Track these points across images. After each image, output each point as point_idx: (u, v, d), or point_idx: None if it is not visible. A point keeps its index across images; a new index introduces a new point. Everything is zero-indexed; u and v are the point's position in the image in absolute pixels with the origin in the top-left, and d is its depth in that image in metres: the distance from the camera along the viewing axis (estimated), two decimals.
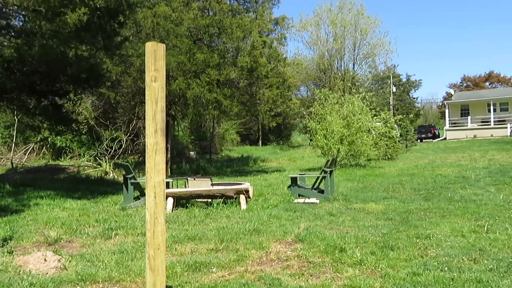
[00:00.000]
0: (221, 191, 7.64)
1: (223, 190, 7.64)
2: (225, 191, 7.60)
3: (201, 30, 14.97)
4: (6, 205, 7.77)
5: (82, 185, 11.30)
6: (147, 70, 2.31)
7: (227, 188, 7.72)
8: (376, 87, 44.49)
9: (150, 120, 2.30)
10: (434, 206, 7.15)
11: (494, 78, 64.10)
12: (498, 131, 33.25)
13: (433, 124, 44.04)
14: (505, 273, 3.70)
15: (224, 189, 7.66)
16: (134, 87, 15.09)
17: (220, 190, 7.66)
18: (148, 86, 2.31)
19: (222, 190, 7.65)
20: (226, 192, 7.59)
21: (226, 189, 7.64)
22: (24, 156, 18.08)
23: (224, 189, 7.66)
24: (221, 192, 7.62)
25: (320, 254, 4.43)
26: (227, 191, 7.59)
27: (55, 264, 4.16)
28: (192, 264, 4.15)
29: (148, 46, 2.33)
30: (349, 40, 35.55)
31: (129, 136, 18.07)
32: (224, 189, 7.69)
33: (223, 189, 7.67)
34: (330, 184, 8.70)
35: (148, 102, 2.30)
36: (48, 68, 9.78)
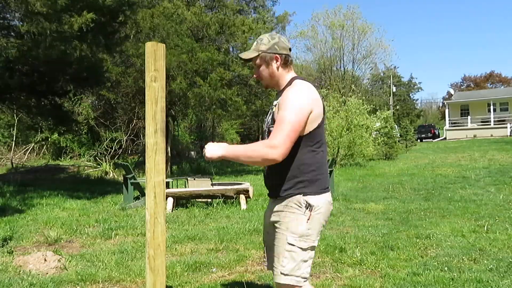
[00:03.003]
0: (221, 191, 7.64)
1: (223, 190, 7.64)
2: (225, 191, 7.60)
3: (203, 29, 14.96)
4: (6, 205, 7.77)
5: (82, 185, 11.30)
6: (147, 70, 2.30)
7: (227, 188, 7.72)
8: (376, 87, 44.47)
9: (150, 120, 2.29)
10: (434, 206, 7.15)
11: (495, 78, 64.12)
12: (498, 131, 33.25)
13: (433, 124, 44.06)
14: (505, 273, 3.70)
15: (224, 189, 7.66)
16: (134, 87, 15.10)
17: (220, 190, 7.66)
18: (148, 86, 2.30)
19: (222, 190, 7.65)
20: (226, 192, 7.59)
21: (226, 189, 7.64)
22: (24, 156, 18.09)
23: (224, 189, 7.66)
24: (221, 192, 7.62)
25: (320, 254, 4.43)
26: (227, 191, 7.59)
27: (55, 264, 4.16)
28: (192, 264, 4.15)
29: (148, 46, 2.32)
30: (348, 41, 35.55)
31: (129, 136, 18.08)
32: (224, 189, 7.69)
33: (223, 189, 7.67)
34: (330, 184, 8.70)
35: (148, 102, 2.30)
36: (49, 67, 9.79)
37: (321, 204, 2.03)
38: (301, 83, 2.06)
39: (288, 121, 1.90)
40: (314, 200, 2.02)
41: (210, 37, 15.13)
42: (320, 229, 2.07)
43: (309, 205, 2.00)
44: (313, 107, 1.99)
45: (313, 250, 2.04)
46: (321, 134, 2.06)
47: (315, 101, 2.01)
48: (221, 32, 14.72)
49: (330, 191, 2.14)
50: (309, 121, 1.98)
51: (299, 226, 1.99)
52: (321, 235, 2.08)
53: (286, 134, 1.89)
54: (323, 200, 2.05)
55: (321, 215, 2.04)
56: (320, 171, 2.06)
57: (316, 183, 2.04)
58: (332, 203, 2.15)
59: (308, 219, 1.99)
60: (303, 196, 2.01)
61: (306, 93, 2.00)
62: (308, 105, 1.96)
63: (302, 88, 2.01)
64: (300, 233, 1.99)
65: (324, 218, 2.07)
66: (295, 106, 1.93)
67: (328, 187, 2.12)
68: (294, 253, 1.98)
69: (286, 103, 1.95)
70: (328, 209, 2.09)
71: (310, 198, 2.01)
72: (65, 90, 11.88)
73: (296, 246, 1.98)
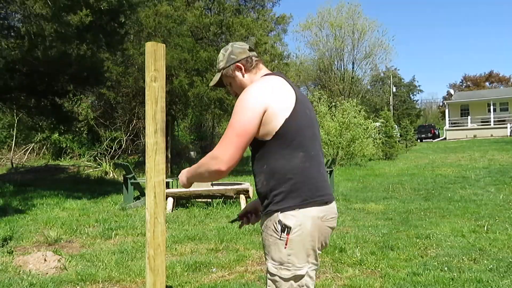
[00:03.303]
0: (221, 191, 7.64)
1: (223, 190, 7.64)
2: (225, 191, 7.60)
3: (204, 29, 14.98)
4: (6, 205, 7.77)
5: (82, 185, 11.30)
6: (147, 70, 2.30)
7: (227, 188, 7.72)
8: (376, 87, 44.49)
9: (150, 120, 2.30)
10: (434, 206, 7.16)
11: (494, 77, 64.11)
12: (498, 131, 33.24)
13: (433, 124, 44.02)
14: (505, 273, 3.70)
15: (224, 189, 7.67)
16: (135, 87, 15.10)
17: (220, 190, 7.66)
18: (148, 86, 2.30)
19: (222, 190, 7.65)
20: (226, 192, 7.59)
21: (226, 189, 7.65)
22: (24, 156, 18.09)
23: (224, 189, 7.67)
24: (221, 192, 7.62)
25: (320, 254, 4.43)
26: (227, 191, 7.59)
27: (55, 264, 4.16)
28: (192, 264, 4.15)
29: (148, 46, 2.32)
30: (348, 41, 35.58)
31: (129, 136, 18.07)
32: (224, 189, 7.69)
33: (223, 189, 7.67)
34: (330, 184, 8.70)
35: (148, 102, 2.30)
36: (49, 67, 9.80)
37: (304, 222, 1.68)
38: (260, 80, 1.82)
39: (230, 126, 1.70)
40: (292, 219, 1.67)
41: (209, 38, 15.15)
42: (310, 253, 1.72)
43: (286, 226, 1.67)
44: (269, 102, 1.69)
45: (300, 279, 1.70)
46: (297, 132, 1.72)
47: (272, 96, 1.71)
48: (220, 32, 14.74)
49: (329, 205, 1.77)
50: (267, 121, 1.69)
51: (278, 252, 1.69)
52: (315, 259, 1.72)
53: (229, 141, 1.67)
54: (309, 216, 1.69)
55: (305, 236, 1.68)
56: (300, 178, 1.70)
57: (296, 194, 1.69)
58: (329, 218, 1.76)
59: (286, 243, 1.68)
60: (280, 213, 1.69)
61: (259, 90, 1.73)
62: (257, 103, 1.68)
63: (255, 86, 1.77)
64: (279, 260, 1.69)
65: (311, 239, 1.70)
66: (240, 108, 1.71)
67: (323, 199, 1.74)
68: (277, 282, 1.71)
69: (235, 107, 1.75)
70: (317, 227, 1.71)
71: (287, 217, 1.68)
72: (65, 90, 11.89)
73: (277, 275, 1.70)
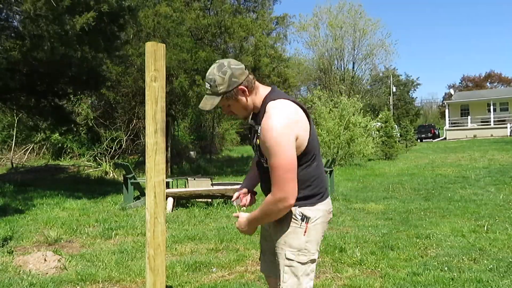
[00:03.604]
0: (221, 191, 7.64)
1: (223, 190, 7.64)
2: (225, 191, 7.60)
3: (202, 30, 14.98)
4: (6, 205, 7.77)
5: (82, 185, 11.30)
6: (147, 70, 2.31)
7: (227, 188, 7.72)
8: (375, 87, 44.50)
9: (150, 120, 2.30)
10: (434, 206, 7.16)
11: (494, 78, 64.11)
12: (498, 131, 33.25)
13: (433, 124, 44.03)
14: (505, 273, 3.70)
15: (224, 189, 7.66)
16: (134, 87, 15.09)
17: (220, 190, 7.66)
18: (148, 86, 2.31)
19: (222, 190, 7.65)
20: (226, 192, 7.59)
21: (226, 189, 7.65)
22: (24, 156, 18.08)
23: (224, 189, 7.66)
24: (221, 192, 7.62)
25: (320, 254, 4.42)
26: (227, 191, 7.59)
27: (55, 264, 4.16)
28: (192, 264, 4.15)
29: (148, 46, 2.33)
30: (349, 41, 35.58)
31: (129, 136, 18.06)
32: (224, 189, 7.69)
33: (223, 189, 7.67)
34: (330, 184, 8.70)
35: (148, 102, 2.30)
36: (49, 69, 9.80)
37: (318, 215, 1.95)
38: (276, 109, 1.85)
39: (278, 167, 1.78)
40: (310, 211, 1.93)
41: (208, 38, 15.16)
42: (320, 240, 2.01)
43: (305, 217, 1.92)
44: (297, 132, 1.83)
45: (313, 263, 1.98)
46: (314, 147, 1.93)
47: (296, 124, 1.84)
48: (220, 33, 14.75)
49: (329, 198, 2.05)
50: (298, 146, 1.84)
51: (296, 240, 1.92)
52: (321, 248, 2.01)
53: (285, 180, 1.78)
54: (321, 210, 1.97)
55: (319, 226, 1.96)
56: (316, 183, 1.96)
57: (312, 196, 1.95)
58: (331, 211, 2.05)
59: (305, 231, 1.92)
60: (298, 208, 1.91)
61: (287, 123, 1.80)
62: (291, 137, 1.80)
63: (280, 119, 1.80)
64: (298, 247, 1.92)
65: (322, 229, 2.00)
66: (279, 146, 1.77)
67: (326, 194, 2.02)
68: (294, 267, 1.92)
69: (271, 147, 1.78)
70: (326, 219, 2.01)
71: (306, 210, 1.93)
72: (65, 91, 11.90)
73: (295, 260, 1.92)
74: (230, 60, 1.94)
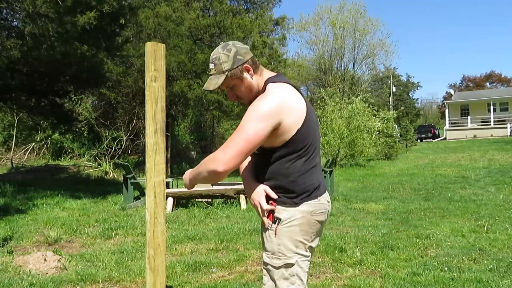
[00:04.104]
0: (221, 191, 7.64)
1: (223, 190, 7.65)
2: (225, 191, 7.60)
3: (202, 30, 14.99)
4: (6, 205, 7.77)
5: (82, 185, 11.30)
6: (147, 70, 2.31)
7: (227, 188, 7.72)
8: (376, 87, 44.50)
9: (150, 120, 2.30)
10: (434, 206, 7.16)
11: (494, 78, 64.11)
12: (498, 131, 33.25)
13: (433, 124, 44.05)
14: (505, 273, 3.70)
15: (224, 189, 7.67)
16: (135, 87, 15.10)
17: (220, 190, 7.66)
18: (148, 86, 2.31)
19: (222, 190, 7.66)
20: (226, 192, 7.59)
21: (226, 189, 7.65)
22: (24, 156, 18.07)
23: (224, 189, 7.67)
24: (221, 192, 7.62)
25: (320, 254, 4.43)
26: (227, 191, 7.59)
27: (55, 264, 4.16)
28: (192, 264, 4.15)
29: (148, 46, 2.33)
30: (349, 41, 35.56)
31: (129, 136, 18.06)
32: (224, 189, 7.69)
33: (223, 189, 7.67)
34: (330, 184, 8.71)
35: (148, 102, 2.30)
36: (49, 68, 9.80)
37: (294, 216, 1.80)
38: (274, 89, 1.79)
39: (241, 130, 1.71)
40: (284, 212, 1.80)
41: (207, 39, 15.17)
42: (300, 244, 1.82)
43: (276, 218, 1.80)
44: (284, 117, 1.73)
45: (290, 267, 1.81)
46: (304, 140, 1.80)
47: (288, 110, 1.75)
48: (219, 34, 14.76)
49: (318, 200, 1.86)
50: (280, 133, 1.75)
51: (269, 242, 1.84)
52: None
53: (234, 144, 1.69)
54: (300, 210, 1.80)
55: (294, 228, 1.79)
56: (302, 180, 1.81)
57: (294, 193, 1.81)
58: (321, 212, 1.86)
59: (275, 234, 1.80)
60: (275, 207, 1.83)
61: (276, 102, 1.74)
62: (274, 116, 1.72)
63: (272, 97, 1.75)
64: (270, 250, 1.83)
65: (302, 231, 1.81)
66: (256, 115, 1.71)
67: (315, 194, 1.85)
68: (270, 271, 1.85)
69: (249, 112, 1.74)
70: (308, 220, 1.82)
71: (280, 211, 1.80)
72: (65, 90, 11.89)
73: (269, 264, 1.84)
74: (234, 41, 1.91)
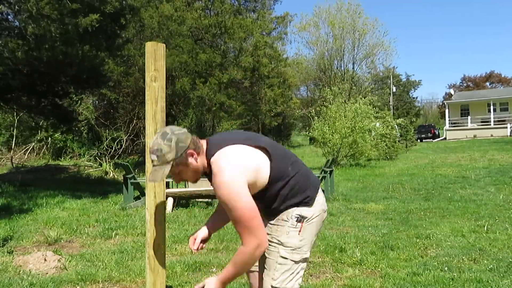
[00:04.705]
0: None
1: None
2: None
3: (203, 30, 15.01)
4: (6, 205, 7.77)
5: (82, 185, 11.29)
6: (147, 70, 2.30)
7: None
8: (376, 87, 44.48)
9: (150, 120, 2.30)
10: (434, 206, 7.15)
11: (495, 78, 64.08)
12: (498, 131, 33.24)
13: (433, 124, 44.01)
14: (505, 273, 3.70)
15: None
16: (135, 87, 15.12)
17: None
18: (148, 86, 2.30)
19: None
20: None
21: None
22: (24, 156, 18.07)
23: None
24: None
25: (320, 254, 4.43)
26: None
27: (55, 264, 4.16)
28: (192, 264, 4.15)
29: (148, 46, 2.32)
30: (348, 40, 35.58)
31: (129, 136, 18.06)
32: None
33: None
34: (330, 184, 8.70)
35: (148, 102, 2.30)
36: (49, 68, 9.81)
37: (314, 214, 1.99)
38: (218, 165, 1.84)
39: (242, 217, 1.79)
40: (305, 211, 1.97)
41: (208, 39, 15.19)
42: (313, 239, 2.03)
43: (301, 217, 1.95)
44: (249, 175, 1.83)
45: (305, 262, 2.01)
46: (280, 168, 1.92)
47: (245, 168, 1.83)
48: (220, 33, 14.77)
49: (323, 197, 2.06)
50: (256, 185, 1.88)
51: (291, 238, 1.95)
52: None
53: (253, 228, 1.79)
54: (316, 209, 2.00)
55: (313, 224, 1.99)
56: (303, 188, 1.97)
57: (304, 199, 1.97)
58: (326, 210, 2.08)
59: (300, 230, 1.95)
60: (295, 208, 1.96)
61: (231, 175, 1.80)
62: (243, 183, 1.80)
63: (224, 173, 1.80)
64: (293, 245, 1.95)
65: (317, 228, 2.02)
66: (234, 196, 1.78)
67: (318, 194, 2.03)
68: (286, 265, 1.95)
69: (227, 202, 1.79)
70: (321, 218, 2.04)
71: (302, 210, 1.96)
72: (66, 91, 11.89)
73: (289, 259, 1.95)
74: (171, 127, 1.92)
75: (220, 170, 1.82)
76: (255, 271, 2.17)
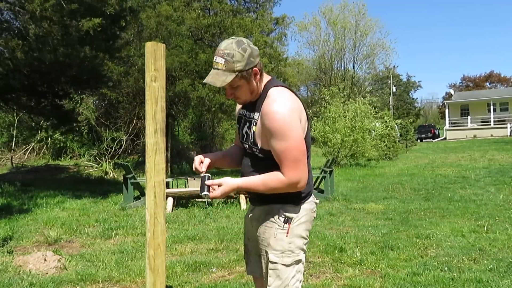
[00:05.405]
0: None
1: None
2: None
3: (202, 30, 15.01)
4: (6, 205, 7.77)
5: (82, 185, 11.30)
6: (147, 70, 2.30)
7: None
8: (376, 87, 44.49)
9: (150, 120, 2.29)
10: (434, 206, 7.15)
11: (494, 78, 64.08)
12: (498, 131, 33.24)
13: (433, 124, 44.05)
14: (505, 273, 3.70)
15: None
16: (135, 87, 15.11)
17: None
18: (148, 86, 2.30)
19: None
20: None
21: None
22: (24, 156, 18.08)
23: None
24: None
25: (320, 254, 4.43)
26: None
27: (55, 264, 4.16)
28: (192, 264, 4.15)
29: (148, 46, 2.32)
30: (349, 41, 35.56)
31: (129, 136, 18.07)
32: None
33: None
34: (330, 184, 8.70)
35: (148, 102, 2.30)
36: (50, 69, 9.81)
37: (301, 214, 1.89)
38: (279, 95, 1.80)
39: (294, 149, 1.73)
40: (293, 212, 1.88)
41: (207, 39, 15.19)
42: (304, 240, 1.92)
43: (288, 218, 1.86)
44: (300, 117, 1.80)
45: (298, 263, 1.89)
46: (308, 142, 1.87)
47: (299, 111, 1.81)
48: (219, 33, 14.77)
49: (312, 197, 1.98)
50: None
51: (279, 241, 1.86)
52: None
53: (301, 162, 1.75)
54: (304, 209, 1.91)
55: (302, 225, 1.89)
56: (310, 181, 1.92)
57: (303, 193, 1.89)
58: (315, 210, 1.98)
59: (287, 232, 1.86)
60: (281, 207, 1.88)
61: (292, 107, 1.77)
62: (297, 120, 1.77)
63: (286, 103, 1.76)
64: (281, 249, 1.85)
65: (306, 228, 1.92)
66: (291, 129, 1.73)
67: (310, 193, 1.96)
68: (278, 270, 1.85)
69: (279, 129, 1.72)
70: (310, 218, 1.94)
71: (289, 210, 1.87)
72: (66, 91, 11.90)
73: (279, 263, 1.85)
74: (247, 39, 1.84)
75: (279, 98, 1.77)
76: (258, 277, 2.09)
